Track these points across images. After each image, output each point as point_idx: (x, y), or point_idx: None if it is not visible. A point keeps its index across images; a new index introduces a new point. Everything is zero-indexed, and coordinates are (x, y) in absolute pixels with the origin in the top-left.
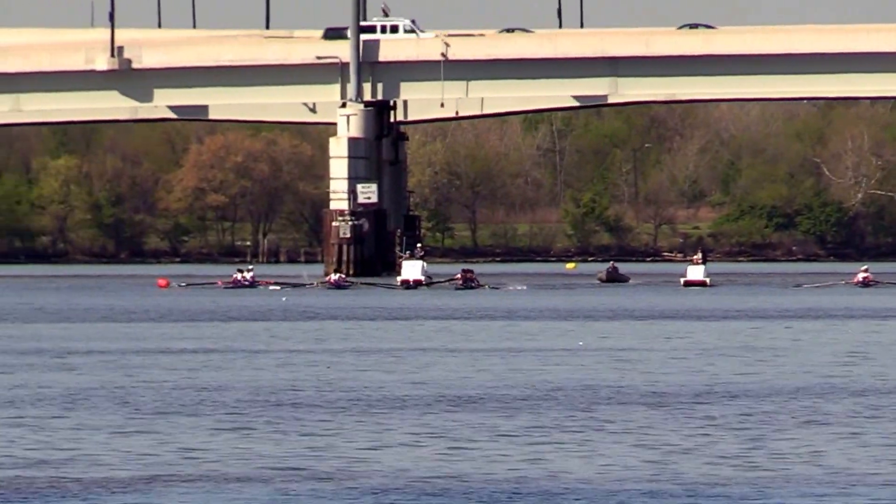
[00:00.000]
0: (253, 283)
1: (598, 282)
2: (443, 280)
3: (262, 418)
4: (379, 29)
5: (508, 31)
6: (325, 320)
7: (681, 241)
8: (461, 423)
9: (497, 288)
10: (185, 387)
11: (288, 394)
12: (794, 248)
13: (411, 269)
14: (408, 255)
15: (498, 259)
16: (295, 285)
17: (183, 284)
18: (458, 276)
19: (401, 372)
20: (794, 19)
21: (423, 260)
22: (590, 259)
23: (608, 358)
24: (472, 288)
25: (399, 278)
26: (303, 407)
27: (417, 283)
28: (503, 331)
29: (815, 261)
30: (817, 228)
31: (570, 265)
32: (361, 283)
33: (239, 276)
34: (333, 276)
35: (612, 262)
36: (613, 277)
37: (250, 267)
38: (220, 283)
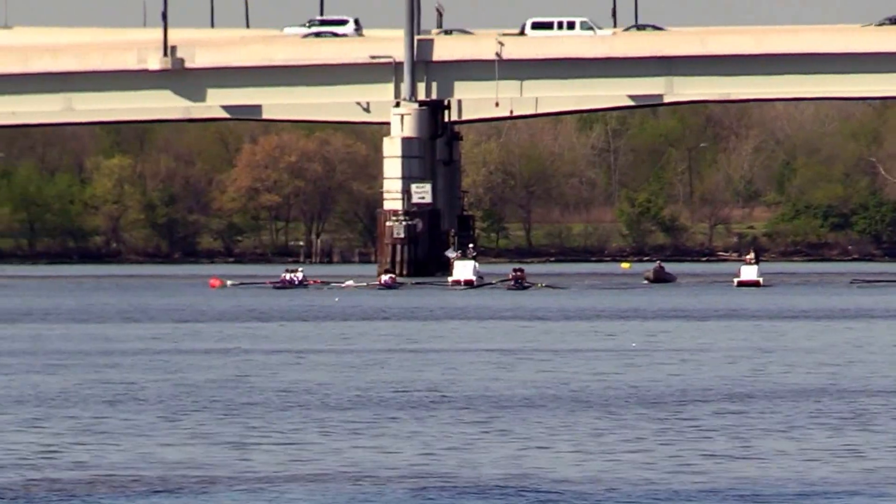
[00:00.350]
0: (302, 283)
1: (646, 281)
2: (494, 280)
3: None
4: (556, 25)
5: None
6: (373, 321)
7: (736, 240)
8: (518, 423)
9: (551, 287)
10: (228, 385)
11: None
12: (849, 247)
13: (463, 270)
14: (458, 255)
15: (552, 259)
16: (343, 286)
17: (234, 283)
18: (510, 275)
19: (440, 372)
20: (850, 18)
21: (475, 260)
22: (645, 259)
23: (669, 358)
24: (523, 288)
25: (450, 278)
26: (345, 409)
27: (469, 284)
28: (557, 331)
29: (870, 260)
30: (873, 228)
31: (625, 265)
32: (412, 284)
33: (288, 276)
34: (384, 277)
35: (658, 262)
36: (660, 277)
37: (300, 268)
38: (268, 282)
